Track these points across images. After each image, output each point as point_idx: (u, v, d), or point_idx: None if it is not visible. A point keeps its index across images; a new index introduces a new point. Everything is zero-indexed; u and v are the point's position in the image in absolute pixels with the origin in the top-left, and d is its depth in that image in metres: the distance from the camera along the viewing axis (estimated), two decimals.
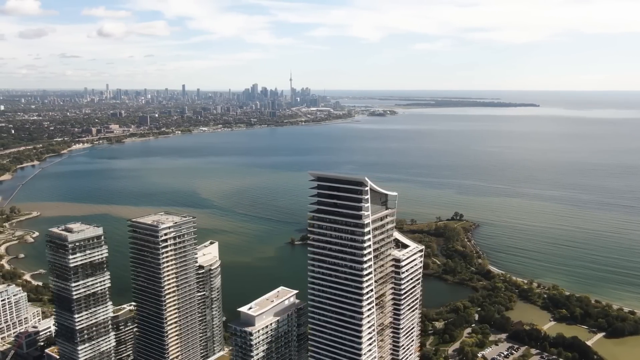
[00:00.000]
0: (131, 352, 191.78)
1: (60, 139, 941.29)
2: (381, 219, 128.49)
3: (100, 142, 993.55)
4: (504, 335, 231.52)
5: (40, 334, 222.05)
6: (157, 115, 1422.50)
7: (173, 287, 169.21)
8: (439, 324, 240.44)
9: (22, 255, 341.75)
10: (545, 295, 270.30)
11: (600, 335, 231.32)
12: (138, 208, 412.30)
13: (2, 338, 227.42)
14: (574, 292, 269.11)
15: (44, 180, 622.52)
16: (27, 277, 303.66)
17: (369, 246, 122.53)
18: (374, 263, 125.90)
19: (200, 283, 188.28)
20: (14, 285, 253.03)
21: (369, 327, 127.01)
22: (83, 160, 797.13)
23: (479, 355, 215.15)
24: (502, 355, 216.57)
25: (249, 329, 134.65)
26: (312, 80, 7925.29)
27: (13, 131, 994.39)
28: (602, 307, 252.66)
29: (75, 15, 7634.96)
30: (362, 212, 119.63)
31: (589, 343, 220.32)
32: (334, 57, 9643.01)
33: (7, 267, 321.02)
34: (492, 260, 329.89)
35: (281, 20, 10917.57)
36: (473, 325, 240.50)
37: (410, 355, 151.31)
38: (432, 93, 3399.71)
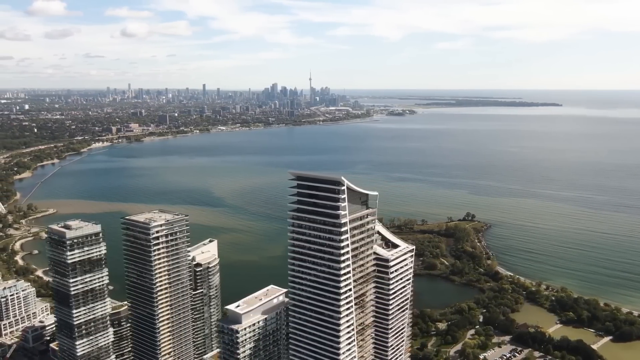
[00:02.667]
0: (132, 347, 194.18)
1: (80, 138, 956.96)
2: (360, 218, 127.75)
3: (120, 140, 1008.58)
4: (507, 338, 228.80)
5: (47, 328, 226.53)
6: (176, 114, 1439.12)
7: (165, 284, 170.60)
8: (441, 325, 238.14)
9: (35, 252, 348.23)
10: (552, 298, 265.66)
11: (607, 339, 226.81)
12: (151, 206, 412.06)
13: (10, 332, 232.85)
14: (582, 295, 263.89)
15: (62, 178, 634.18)
16: (39, 272, 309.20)
17: (347, 245, 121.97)
18: (353, 262, 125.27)
19: (198, 280, 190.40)
20: (23, 280, 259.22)
21: (348, 327, 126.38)
22: (102, 158, 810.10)
23: (481, 357, 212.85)
24: (505, 357, 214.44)
25: (235, 327, 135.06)
26: (331, 80, 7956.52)
27: (36, 130, 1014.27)
28: (611, 310, 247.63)
29: (99, 16, 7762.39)
30: (340, 211, 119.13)
31: (594, 347, 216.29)
32: (354, 57, 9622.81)
33: (20, 262, 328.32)
34: (501, 262, 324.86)
35: (302, 20, 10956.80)
36: (477, 326, 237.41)
37: (400, 355, 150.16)
38: (453, 92, 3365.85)
